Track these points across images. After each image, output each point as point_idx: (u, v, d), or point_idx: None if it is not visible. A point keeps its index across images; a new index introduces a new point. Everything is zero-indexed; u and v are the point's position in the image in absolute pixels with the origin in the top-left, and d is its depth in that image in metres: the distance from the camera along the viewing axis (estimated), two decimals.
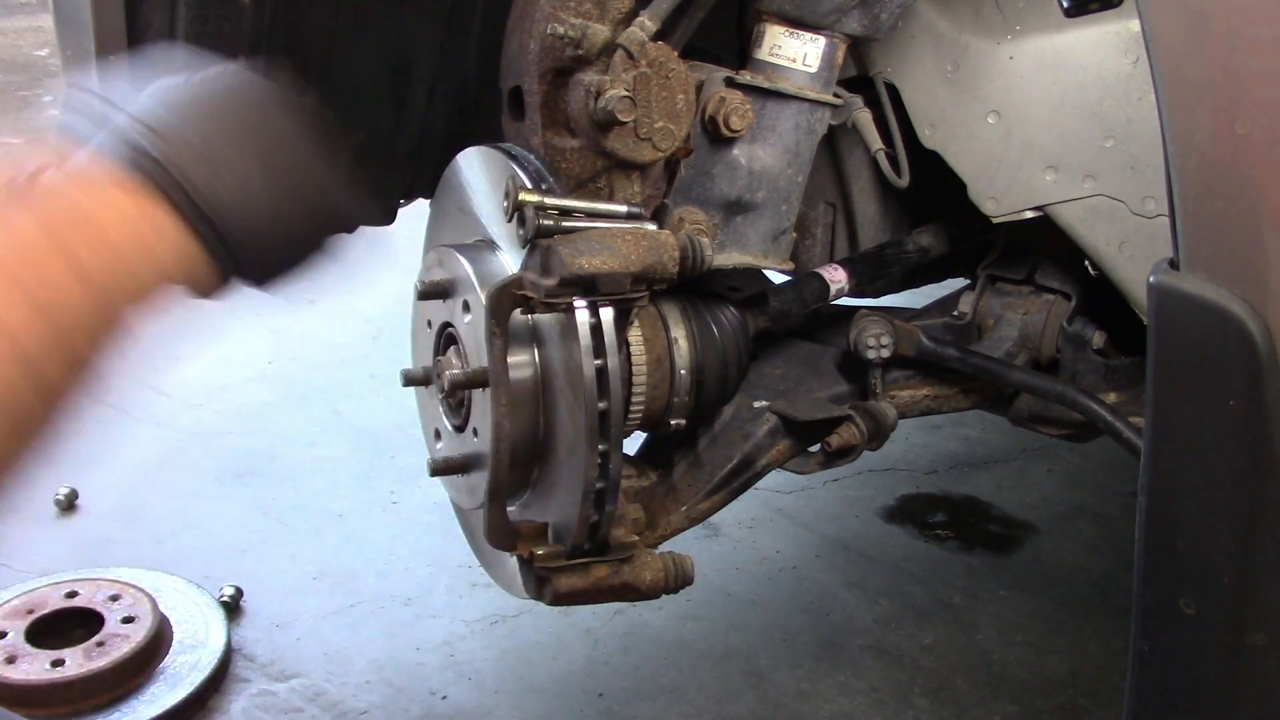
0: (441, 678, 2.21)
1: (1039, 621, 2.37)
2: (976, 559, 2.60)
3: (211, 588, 2.38)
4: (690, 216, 1.47)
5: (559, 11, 1.35)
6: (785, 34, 1.47)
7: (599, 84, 1.33)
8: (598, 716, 2.13)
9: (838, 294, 1.67)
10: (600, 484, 1.28)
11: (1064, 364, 1.69)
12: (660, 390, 1.46)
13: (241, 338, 3.72)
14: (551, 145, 1.41)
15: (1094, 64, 1.53)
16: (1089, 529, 2.71)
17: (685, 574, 1.43)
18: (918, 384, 1.72)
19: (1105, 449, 2.22)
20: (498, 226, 1.39)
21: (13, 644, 2.12)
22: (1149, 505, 0.97)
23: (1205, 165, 0.90)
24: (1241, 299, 0.88)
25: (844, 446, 1.58)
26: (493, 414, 1.28)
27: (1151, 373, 0.95)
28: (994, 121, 1.60)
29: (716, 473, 1.59)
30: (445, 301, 1.42)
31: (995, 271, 1.76)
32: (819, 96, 1.50)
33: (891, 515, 2.78)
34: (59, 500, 2.73)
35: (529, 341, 1.33)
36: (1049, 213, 1.59)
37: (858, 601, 2.44)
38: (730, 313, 1.53)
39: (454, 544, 2.61)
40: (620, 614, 2.37)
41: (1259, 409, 0.89)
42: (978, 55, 1.60)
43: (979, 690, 2.18)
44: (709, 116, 1.43)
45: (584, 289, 1.23)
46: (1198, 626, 0.96)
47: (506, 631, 2.34)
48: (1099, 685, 2.18)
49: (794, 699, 2.16)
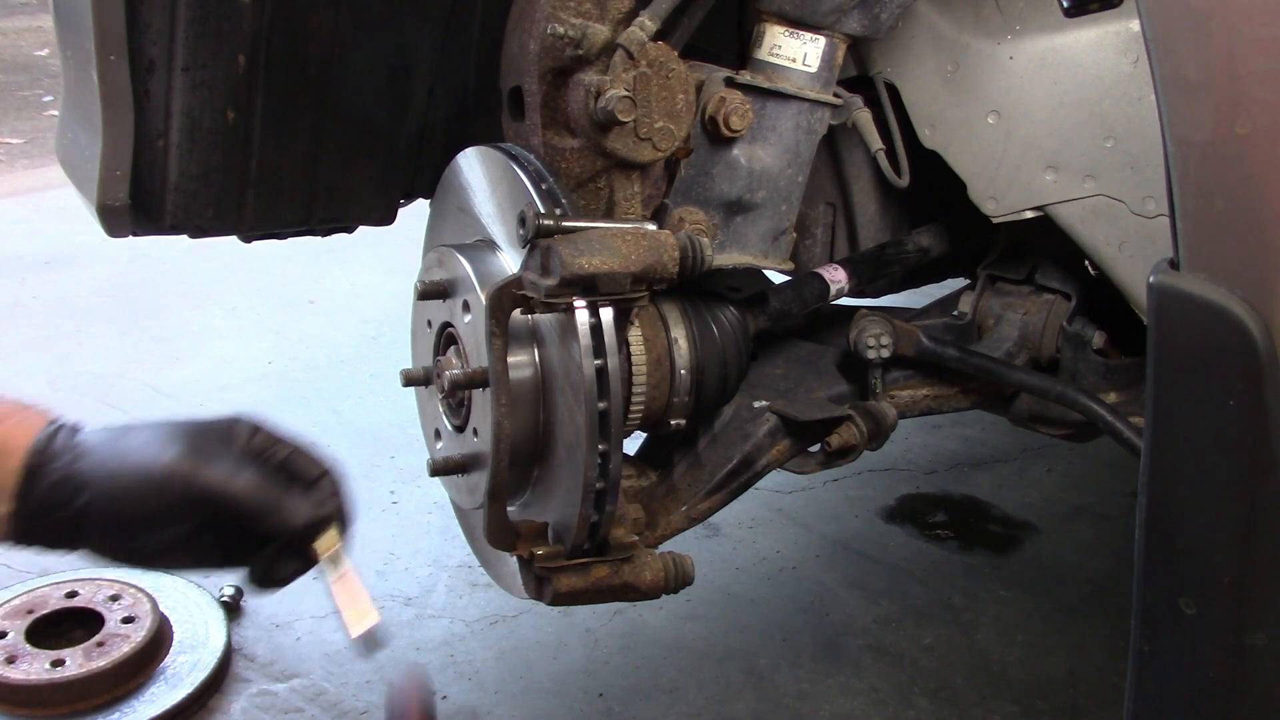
0: (441, 678, 2.21)
1: (1039, 621, 2.37)
2: (976, 559, 2.60)
3: (211, 587, 2.38)
4: (690, 216, 1.47)
5: (559, 11, 1.35)
6: (785, 34, 1.47)
7: (599, 84, 1.33)
8: (598, 716, 2.13)
9: (838, 294, 1.67)
10: (600, 484, 1.28)
11: (1064, 364, 1.69)
12: (660, 390, 1.46)
13: (241, 338, 3.72)
14: (551, 145, 1.41)
15: (1094, 64, 1.53)
16: (1089, 529, 2.70)
17: (685, 574, 1.43)
18: (918, 384, 1.72)
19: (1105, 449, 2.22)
20: (498, 226, 1.39)
21: (13, 644, 2.12)
22: (1149, 505, 0.97)
23: (1205, 165, 0.90)
24: (1241, 299, 0.88)
25: (844, 446, 1.58)
26: (493, 414, 1.28)
27: (1151, 373, 0.94)
28: (994, 121, 1.60)
29: (716, 473, 1.59)
30: (445, 301, 1.42)
31: (995, 271, 1.76)
32: (819, 96, 1.50)
33: (891, 515, 2.78)
34: None
35: (529, 341, 1.33)
36: (1049, 213, 1.59)
37: (858, 601, 2.44)
38: (730, 313, 1.53)
39: (454, 544, 2.62)
40: (620, 614, 2.37)
41: (1259, 409, 0.89)
42: (978, 55, 1.60)
43: (979, 690, 2.18)
44: (709, 116, 1.43)
45: (584, 289, 1.23)
46: (1198, 626, 0.96)
47: (506, 631, 2.33)
48: (1099, 685, 2.18)
49: (794, 699, 2.16)
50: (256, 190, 1.72)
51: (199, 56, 1.59)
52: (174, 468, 1.12)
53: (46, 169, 5.31)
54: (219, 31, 1.59)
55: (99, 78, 1.60)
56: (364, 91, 1.77)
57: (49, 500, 1.12)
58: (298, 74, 1.68)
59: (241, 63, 1.62)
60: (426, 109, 1.85)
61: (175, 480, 1.12)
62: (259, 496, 1.14)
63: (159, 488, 1.12)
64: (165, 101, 1.62)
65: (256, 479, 1.15)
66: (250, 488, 1.14)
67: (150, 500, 1.12)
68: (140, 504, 1.12)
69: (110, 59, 1.59)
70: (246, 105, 1.65)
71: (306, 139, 1.74)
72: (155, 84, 1.61)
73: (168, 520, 1.12)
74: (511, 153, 1.38)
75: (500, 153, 1.39)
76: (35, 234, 4.59)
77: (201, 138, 1.64)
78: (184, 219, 1.69)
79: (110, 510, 1.12)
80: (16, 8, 9.64)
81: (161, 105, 1.62)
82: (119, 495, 1.12)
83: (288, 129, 1.71)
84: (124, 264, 4.17)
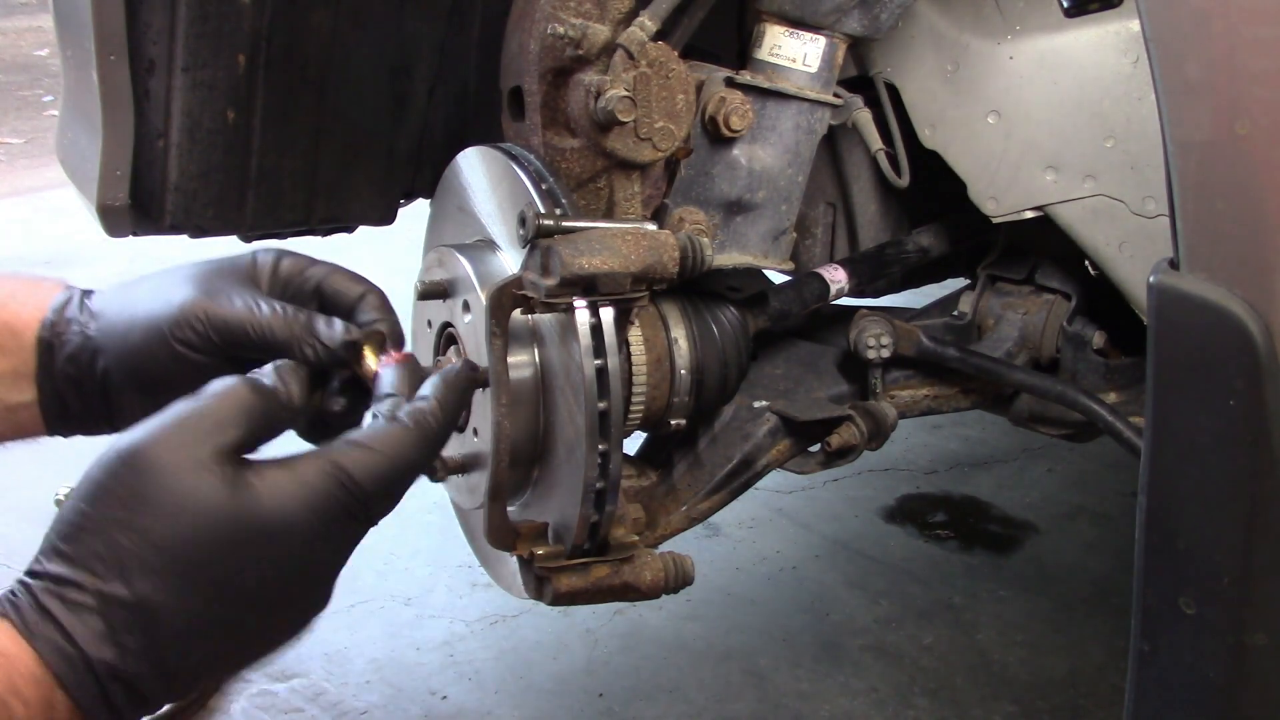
0: (441, 678, 2.21)
1: (1039, 621, 2.37)
2: (976, 559, 2.60)
3: None
4: (690, 216, 1.47)
5: (559, 11, 1.35)
6: (785, 34, 1.47)
7: (599, 84, 1.33)
8: (598, 716, 2.13)
9: (838, 294, 1.67)
10: (600, 484, 1.28)
11: (1064, 364, 1.69)
12: (660, 390, 1.46)
13: None
14: (551, 145, 1.41)
15: (1094, 64, 1.53)
16: (1089, 529, 2.70)
17: (685, 574, 1.42)
18: (918, 384, 1.72)
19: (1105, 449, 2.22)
20: (498, 226, 1.39)
21: None
22: (1149, 505, 0.97)
23: (1205, 165, 0.90)
24: (1241, 299, 0.88)
25: (844, 446, 1.57)
26: (493, 414, 1.28)
27: (1151, 373, 0.94)
28: (994, 121, 1.60)
29: (716, 473, 1.59)
30: (445, 301, 1.41)
31: (995, 271, 1.76)
32: (819, 96, 1.50)
33: (891, 515, 2.78)
34: (59, 500, 2.73)
35: (529, 341, 1.33)
36: (1049, 213, 1.59)
37: (858, 601, 2.44)
38: (730, 313, 1.53)
39: (454, 544, 2.61)
40: (620, 614, 2.37)
41: (1259, 409, 0.89)
42: (978, 55, 1.60)
43: (979, 690, 2.18)
44: (709, 116, 1.43)
45: (584, 289, 1.23)
46: (1198, 626, 0.96)
47: (506, 631, 2.33)
48: (1099, 685, 2.18)
49: (794, 699, 2.16)
50: (256, 190, 1.72)
51: (199, 56, 1.59)
52: (186, 312, 0.98)
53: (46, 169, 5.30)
54: (219, 31, 1.59)
55: (99, 78, 1.60)
56: (364, 91, 1.77)
57: (70, 375, 1.01)
58: (298, 74, 1.68)
59: (241, 63, 1.62)
60: (426, 109, 1.85)
61: (189, 326, 0.98)
62: (288, 325, 0.98)
63: (173, 338, 0.98)
64: (165, 101, 1.62)
65: (281, 306, 0.99)
66: (276, 317, 0.98)
67: (165, 354, 0.98)
68: (156, 359, 0.98)
69: (110, 59, 1.59)
70: (246, 105, 1.65)
71: (306, 139, 1.74)
72: (155, 84, 1.61)
73: (194, 374, 0.96)
74: (511, 153, 1.38)
75: (500, 153, 1.39)
76: (35, 234, 4.60)
77: (201, 138, 1.64)
78: (184, 219, 1.69)
79: (129, 372, 0.99)
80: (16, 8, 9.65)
81: (161, 105, 1.62)
82: (133, 354, 0.99)
83: (288, 129, 1.71)
84: (124, 264, 4.18)
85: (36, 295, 1.04)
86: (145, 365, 0.99)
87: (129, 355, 0.99)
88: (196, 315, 0.98)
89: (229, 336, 0.98)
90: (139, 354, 0.99)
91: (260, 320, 0.98)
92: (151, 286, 1.02)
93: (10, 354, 1.03)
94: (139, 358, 0.99)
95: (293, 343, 0.98)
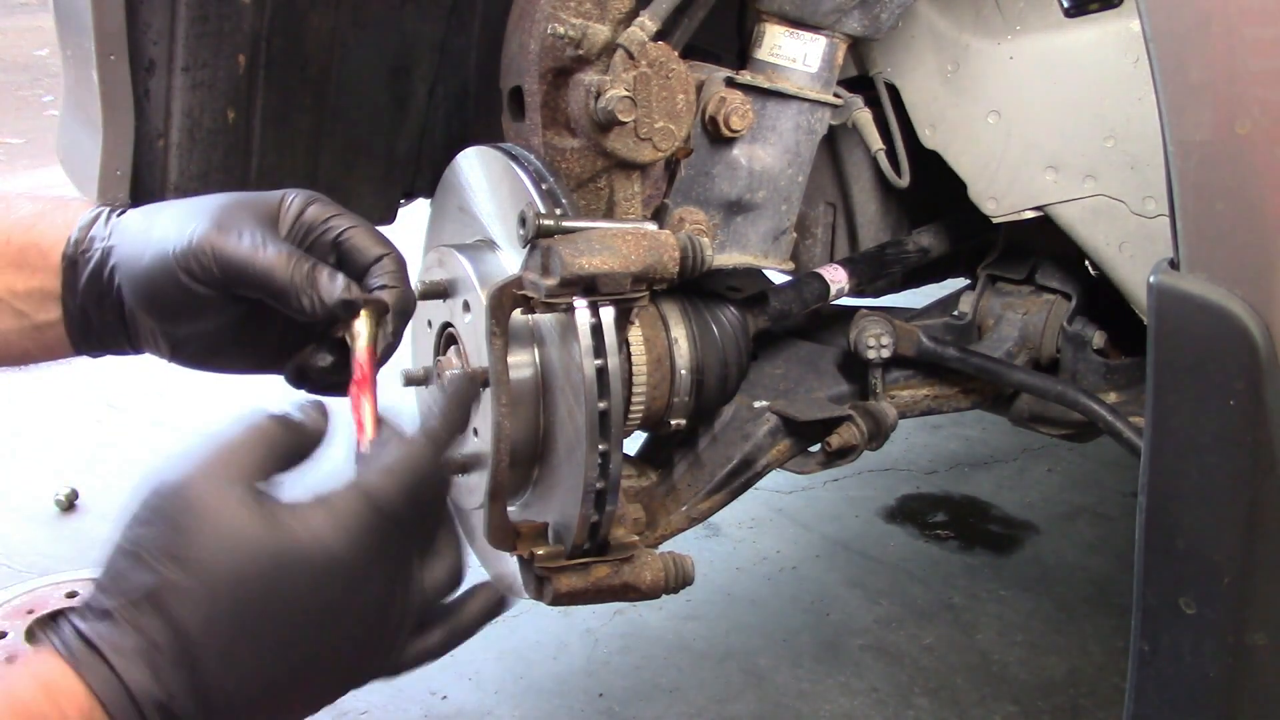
0: (441, 678, 2.21)
1: (1039, 621, 2.37)
2: (976, 559, 2.60)
3: None
4: (690, 216, 1.47)
5: (559, 11, 1.35)
6: (785, 34, 1.47)
7: (599, 84, 1.33)
8: (598, 716, 2.13)
9: (838, 294, 1.67)
10: (600, 484, 1.28)
11: (1064, 364, 1.69)
12: (660, 390, 1.46)
13: None
14: (551, 145, 1.41)
15: (1094, 64, 1.53)
16: (1089, 529, 2.71)
17: (685, 574, 1.42)
18: (918, 384, 1.72)
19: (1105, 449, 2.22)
20: (498, 226, 1.39)
21: (13, 644, 2.12)
22: (1149, 505, 0.97)
23: (1205, 165, 0.90)
24: (1241, 299, 0.88)
25: (844, 446, 1.58)
26: (493, 414, 1.28)
27: (1151, 373, 0.94)
28: (994, 121, 1.60)
29: (716, 473, 1.59)
30: (445, 301, 1.42)
31: (995, 271, 1.76)
32: (819, 96, 1.50)
33: (891, 515, 2.78)
34: (59, 500, 2.73)
35: (529, 341, 1.33)
36: (1049, 213, 1.59)
37: (858, 601, 2.44)
38: (730, 313, 1.53)
39: None
40: (620, 614, 2.37)
41: (1259, 409, 0.89)
42: (978, 55, 1.60)
43: (979, 690, 2.18)
44: (709, 116, 1.43)
45: (584, 289, 1.23)
46: (1198, 626, 0.96)
47: (506, 631, 2.33)
48: (1099, 685, 2.18)
49: (794, 699, 2.16)
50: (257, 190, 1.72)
51: (199, 56, 1.59)
52: (195, 244, 0.96)
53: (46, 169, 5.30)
54: (219, 31, 1.59)
55: (99, 78, 1.60)
56: (364, 91, 1.77)
57: (91, 292, 1.01)
58: (298, 74, 1.68)
59: (241, 63, 1.62)
60: (426, 109, 1.85)
61: (194, 258, 0.96)
62: (289, 270, 0.96)
63: (180, 267, 0.96)
64: (165, 101, 1.62)
65: (289, 251, 0.97)
66: (279, 260, 0.96)
67: (170, 282, 0.97)
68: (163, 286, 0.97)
69: (110, 59, 1.59)
70: (246, 105, 1.65)
71: (306, 139, 1.74)
72: (155, 84, 1.61)
73: (200, 305, 0.97)
74: (512, 153, 1.38)
75: (500, 153, 1.39)
76: None
77: (201, 138, 1.65)
78: None
79: (139, 294, 0.99)
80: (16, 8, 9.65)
81: (161, 105, 1.62)
82: (143, 277, 0.98)
83: (288, 129, 1.71)
84: None
85: (65, 214, 1.04)
86: (153, 290, 0.98)
87: (139, 278, 0.99)
88: (204, 248, 0.96)
89: (231, 273, 0.97)
90: (148, 278, 0.98)
91: (262, 261, 0.96)
92: (174, 213, 1.01)
93: (38, 272, 1.03)
94: (147, 282, 0.98)
95: (290, 290, 0.96)
